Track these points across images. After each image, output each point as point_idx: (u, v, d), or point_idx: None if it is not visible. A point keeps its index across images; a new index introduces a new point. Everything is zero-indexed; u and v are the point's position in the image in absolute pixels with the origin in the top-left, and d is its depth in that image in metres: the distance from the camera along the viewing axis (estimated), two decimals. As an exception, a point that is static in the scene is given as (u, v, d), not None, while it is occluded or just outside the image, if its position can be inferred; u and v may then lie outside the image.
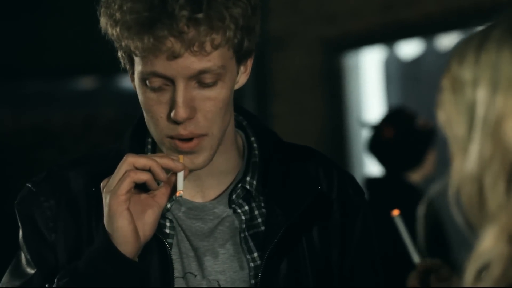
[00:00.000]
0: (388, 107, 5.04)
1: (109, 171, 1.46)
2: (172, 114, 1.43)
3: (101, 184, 1.45)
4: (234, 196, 1.55)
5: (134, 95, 1.49)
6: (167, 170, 1.44)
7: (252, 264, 1.53)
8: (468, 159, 1.00)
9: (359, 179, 1.73)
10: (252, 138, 1.60)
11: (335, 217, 1.58)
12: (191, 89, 1.44)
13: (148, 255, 1.49)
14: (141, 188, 1.44)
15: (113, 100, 5.92)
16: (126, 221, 1.41)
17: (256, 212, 1.55)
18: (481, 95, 1.01)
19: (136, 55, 1.44)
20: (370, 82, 5.20)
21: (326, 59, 5.16)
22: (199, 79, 1.43)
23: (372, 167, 4.92)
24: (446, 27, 4.61)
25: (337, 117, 5.15)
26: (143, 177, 1.41)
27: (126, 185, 1.41)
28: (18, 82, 6.19)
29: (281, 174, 1.57)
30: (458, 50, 1.05)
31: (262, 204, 1.55)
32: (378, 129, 3.44)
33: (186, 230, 1.54)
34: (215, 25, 1.40)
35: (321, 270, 1.56)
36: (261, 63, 5.23)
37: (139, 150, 1.55)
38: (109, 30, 1.44)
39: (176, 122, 1.44)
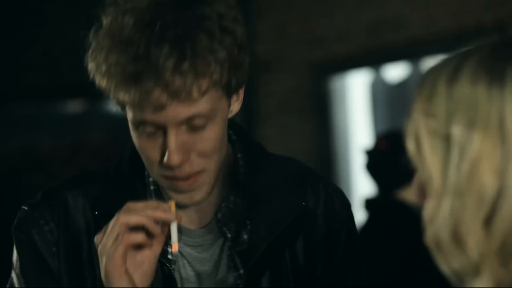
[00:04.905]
0: (376, 129, 5.06)
1: (108, 193, 1.49)
2: (165, 160, 1.43)
3: (95, 239, 1.43)
4: (219, 215, 1.55)
5: (123, 118, 1.50)
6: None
7: (239, 281, 1.53)
8: (442, 202, 0.96)
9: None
10: (239, 155, 1.59)
11: (320, 232, 1.58)
12: (183, 133, 1.43)
13: (154, 281, 1.47)
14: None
15: (101, 123, 5.91)
16: (125, 282, 1.40)
17: (242, 230, 1.55)
18: (457, 132, 0.96)
19: (125, 105, 1.43)
20: (356, 104, 5.22)
21: (313, 82, 5.18)
22: (189, 123, 1.42)
23: (361, 189, 4.93)
24: (432, 51, 4.64)
25: (324, 140, 5.17)
26: (137, 239, 1.41)
27: (122, 249, 1.40)
28: (5, 106, 6.18)
29: (266, 190, 1.57)
30: (427, 82, 1.00)
31: (248, 222, 1.55)
32: (374, 146, 3.45)
33: (187, 256, 1.55)
34: (201, 71, 1.38)
35: (304, 285, 1.56)
36: (249, 86, 5.23)
37: (139, 172, 1.55)
38: (97, 79, 1.43)
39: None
